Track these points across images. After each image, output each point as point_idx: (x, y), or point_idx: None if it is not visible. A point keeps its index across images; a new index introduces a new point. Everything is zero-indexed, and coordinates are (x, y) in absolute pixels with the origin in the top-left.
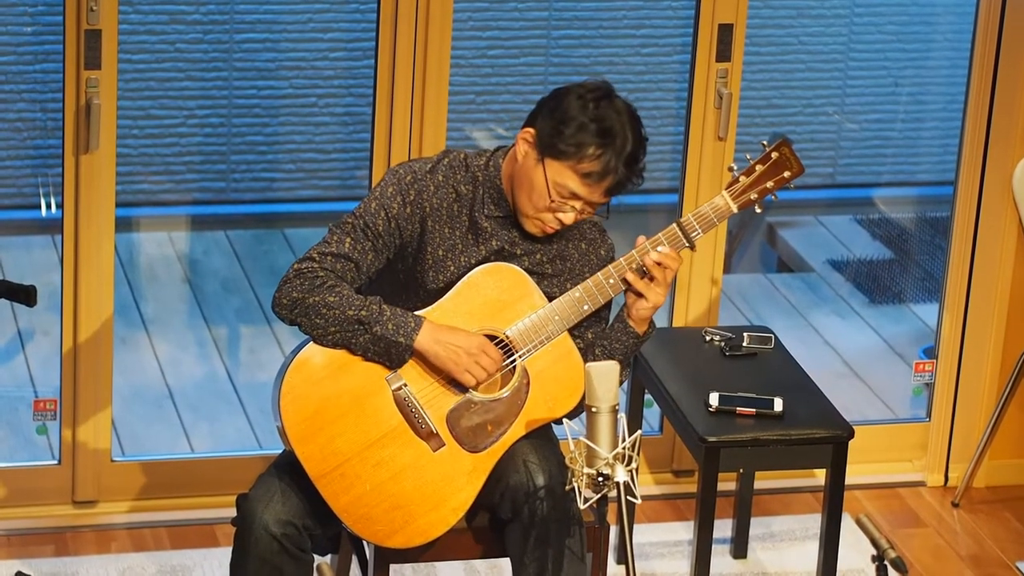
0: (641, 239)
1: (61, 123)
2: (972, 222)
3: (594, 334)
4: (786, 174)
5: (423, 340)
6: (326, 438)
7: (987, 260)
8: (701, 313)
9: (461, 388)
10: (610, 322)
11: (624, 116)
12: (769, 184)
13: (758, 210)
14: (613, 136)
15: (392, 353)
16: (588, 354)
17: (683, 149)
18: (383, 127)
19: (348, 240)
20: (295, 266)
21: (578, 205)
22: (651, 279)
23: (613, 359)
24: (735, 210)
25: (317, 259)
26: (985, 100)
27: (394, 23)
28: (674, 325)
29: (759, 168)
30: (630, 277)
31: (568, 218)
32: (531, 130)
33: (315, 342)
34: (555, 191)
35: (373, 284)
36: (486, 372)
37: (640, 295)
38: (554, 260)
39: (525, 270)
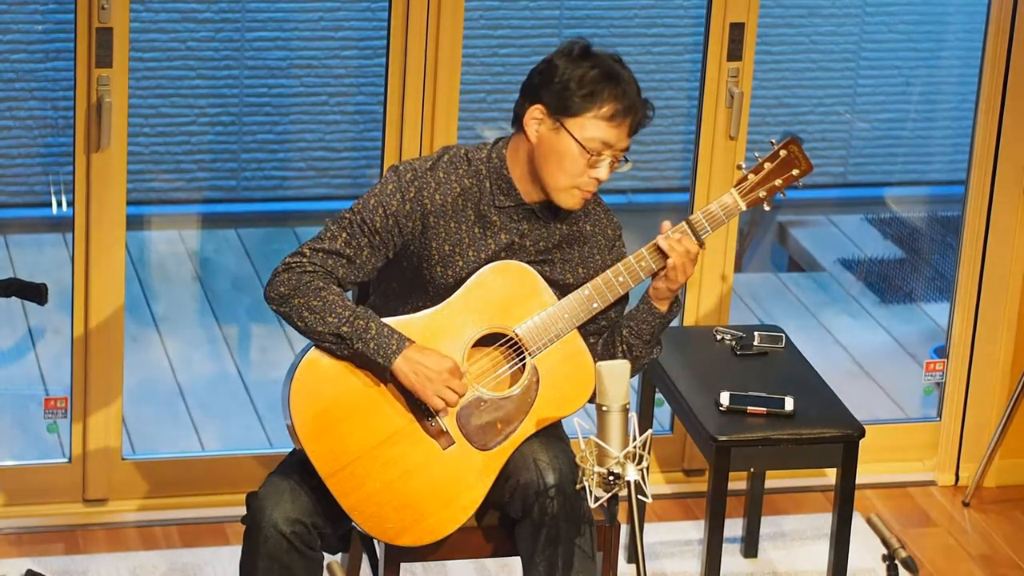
0: (667, 224)
1: (72, 121)
2: (983, 221)
3: (616, 314)
4: (795, 172)
5: (399, 364)
6: (336, 436)
7: (998, 259)
8: (712, 311)
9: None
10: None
11: (614, 59)
12: (778, 182)
13: (767, 208)
14: (617, 74)
15: (374, 371)
16: (615, 335)
17: (694, 148)
18: (394, 126)
19: (344, 235)
20: (285, 259)
21: (608, 154)
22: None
23: (641, 339)
24: (744, 208)
25: (308, 254)
26: (996, 99)
27: (405, 21)
28: (685, 324)
29: (768, 166)
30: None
31: (603, 172)
32: (538, 106)
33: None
34: (588, 146)
35: (381, 283)
36: (456, 396)
37: (662, 276)
38: (561, 245)
39: (533, 259)
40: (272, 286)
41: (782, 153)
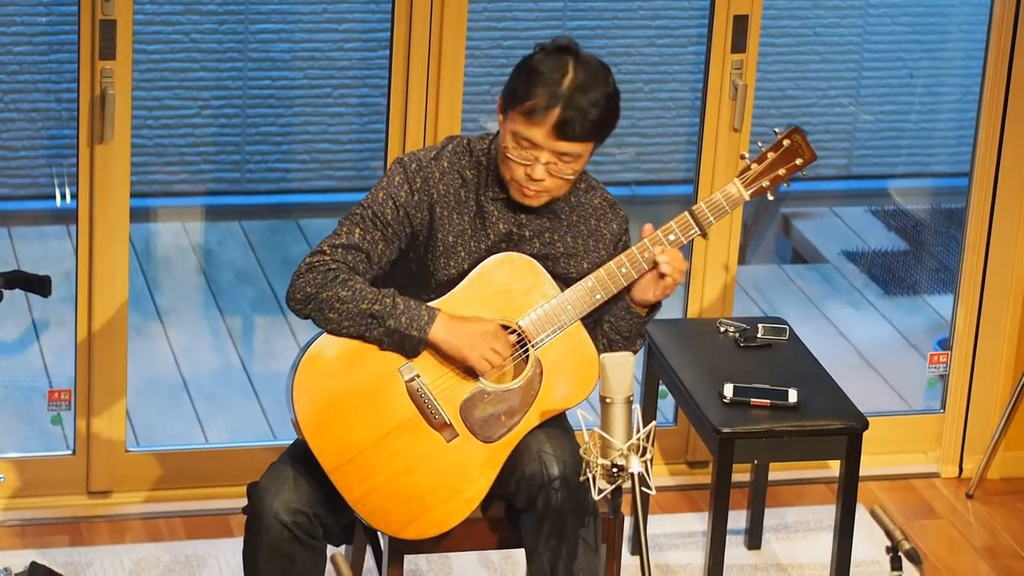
0: (648, 227)
1: (76, 113)
2: (987, 213)
3: (605, 311)
4: (798, 161)
5: (436, 332)
6: (340, 430)
7: (1002, 251)
8: (715, 303)
9: (474, 378)
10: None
11: (584, 64)
12: (781, 172)
13: (771, 198)
14: (561, 75)
15: (406, 346)
16: (596, 329)
17: (698, 140)
18: (398, 118)
19: (358, 231)
20: (306, 260)
21: (542, 156)
22: (660, 276)
23: (621, 335)
24: (747, 197)
25: (328, 251)
26: (1000, 91)
27: (409, 14)
28: (688, 316)
29: (771, 156)
30: (645, 269)
31: (537, 172)
32: (499, 98)
33: (329, 335)
34: (511, 140)
35: (387, 276)
36: (500, 357)
37: (645, 286)
38: (564, 239)
39: (536, 251)
40: (296, 288)
41: (785, 143)
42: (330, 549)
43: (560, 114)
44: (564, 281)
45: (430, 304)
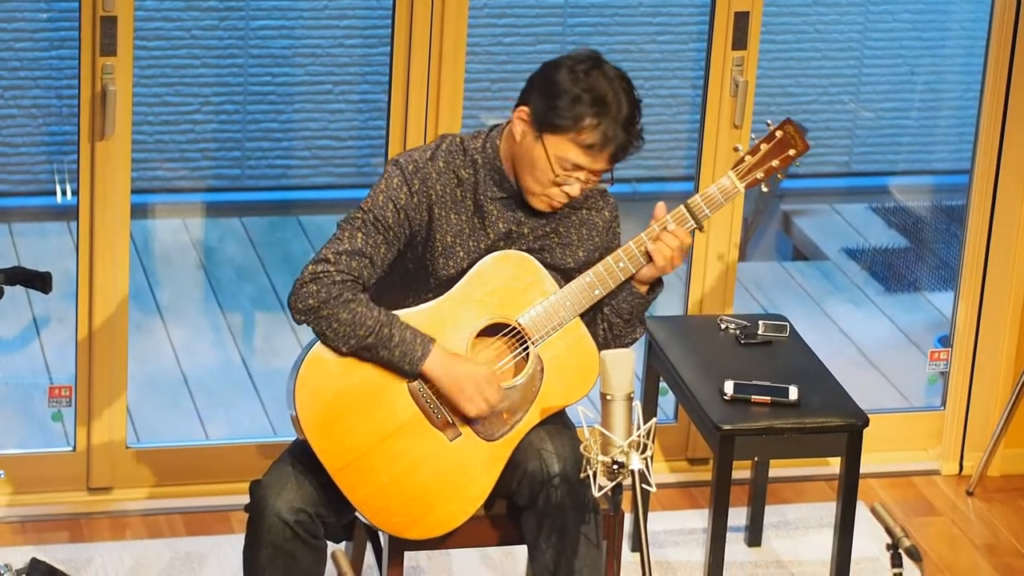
0: (660, 206)
1: (76, 110)
2: (988, 210)
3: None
4: (791, 152)
5: (429, 369)
6: (342, 431)
7: (1003, 248)
8: (716, 300)
9: None
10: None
11: (616, 82)
12: (775, 163)
13: (765, 189)
14: (608, 104)
15: (401, 373)
16: (596, 314)
17: (699, 137)
18: (398, 114)
19: (360, 235)
20: (310, 268)
21: (582, 176)
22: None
23: (621, 318)
24: (742, 189)
25: (332, 260)
26: (1001, 88)
27: (410, 10)
28: (689, 312)
29: (764, 147)
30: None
31: (574, 190)
32: (525, 108)
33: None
34: (558, 165)
35: (384, 276)
36: (488, 405)
37: (649, 264)
38: (558, 229)
39: (533, 245)
40: (299, 297)
41: (778, 134)
42: (330, 546)
43: (618, 146)
44: (560, 271)
45: (427, 305)
